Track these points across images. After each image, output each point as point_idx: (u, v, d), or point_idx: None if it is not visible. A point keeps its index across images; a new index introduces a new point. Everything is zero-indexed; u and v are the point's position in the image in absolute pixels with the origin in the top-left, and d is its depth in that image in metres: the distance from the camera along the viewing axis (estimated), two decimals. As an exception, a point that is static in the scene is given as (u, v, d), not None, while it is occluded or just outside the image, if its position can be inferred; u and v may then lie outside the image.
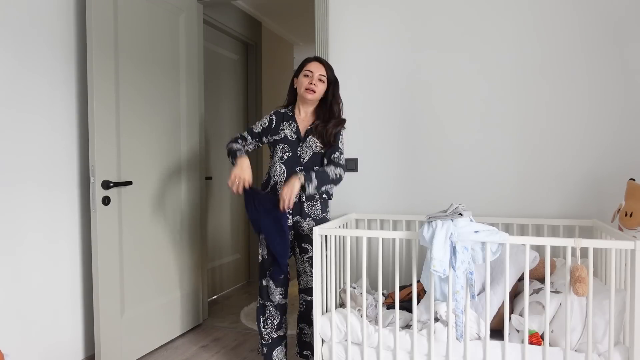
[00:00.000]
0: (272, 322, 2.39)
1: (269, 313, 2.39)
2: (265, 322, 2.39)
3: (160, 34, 2.88)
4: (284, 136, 2.35)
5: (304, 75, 2.31)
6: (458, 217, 1.89)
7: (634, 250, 1.71)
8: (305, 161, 2.34)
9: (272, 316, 2.39)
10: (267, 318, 2.39)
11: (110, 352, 2.53)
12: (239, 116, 4.44)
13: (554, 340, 1.87)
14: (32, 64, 2.34)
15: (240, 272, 4.47)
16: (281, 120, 2.39)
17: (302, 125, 2.38)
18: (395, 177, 2.80)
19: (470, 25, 2.65)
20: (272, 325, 2.39)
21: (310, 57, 2.38)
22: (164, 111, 2.92)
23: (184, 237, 3.11)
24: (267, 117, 2.41)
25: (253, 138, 2.41)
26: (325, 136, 2.32)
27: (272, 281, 2.37)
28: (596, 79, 2.46)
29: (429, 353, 1.95)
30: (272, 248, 2.26)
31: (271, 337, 2.40)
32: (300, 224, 2.35)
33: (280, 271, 2.31)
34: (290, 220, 2.35)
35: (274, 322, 2.39)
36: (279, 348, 2.42)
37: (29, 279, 2.33)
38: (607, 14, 2.44)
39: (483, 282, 2.07)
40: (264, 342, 2.41)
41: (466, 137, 2.67)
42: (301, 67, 2.36)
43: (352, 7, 2.85)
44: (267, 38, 4.80)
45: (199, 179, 3.27)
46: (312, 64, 2.32)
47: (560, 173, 2.52)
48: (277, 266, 2.29)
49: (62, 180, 2.50)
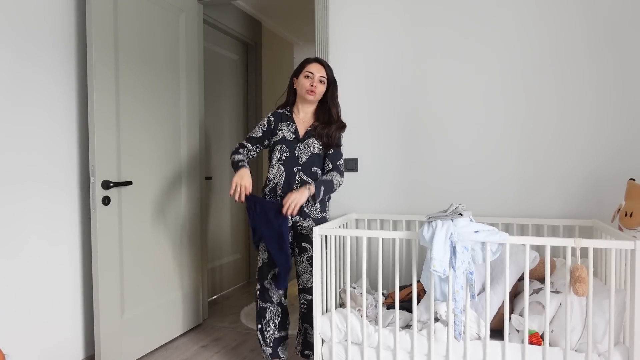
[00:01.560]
0: (275, 321, 2.38)
1: (270, 314, 2.38)
2: (267, 324, 2.37)
3: (160, 34, 2.88)
4: (281, 137, 2.35)
5: (304, 77, 2.32)
6: (458, 217, 1.89)
7: (634, 250, 1.71)
8: (304, 161, 2.34)
9: (274, 316, 2.38)
10: (268, 320, 2.38)
11: (110, 352, 2.53)
12: (239, 116, 4.44)
13: (554, 340, 1.87)
14: (31, 64, 2.34)
15: (240, 272, 4.47)
16: (279, 120, 2.39)
17: (301, 126, 2.38)
18: (395, 177, 2.80)
19: (470, 25, 2.65)
20: (275, 325, 2.38)
21: (311, 57, 2.38)
22: (164, 111, 2.92)
23: (184, 237, 3.11)
24: (265, 119, 2.41)
25: (254, 144, 2.40)
26: (327, 139, 2.33)
27: (273, 283, 2.37)
28: (596, 79, 2.46)
29: (429, 353, 1.95)
30: (274, 259, 2.28)
31: (274, 337, 2.38)
32: (300, 223, 2.35)
33: (284, 283, 2.33)
34: (290, 221, 2.35)
35: (276, 322, 2.39)
36: (281, 347, 2.42)
37: (28, 278, 2.33)
38: (608, 14, 2.44)
39: (483, 282, 2.07)
40: (268, 344, 2.38)
41: (466, 137, 2.67)
42: (301, 67, 2.36)
43: (352, 7, 2.85)
44: (267, 38, 4.80)
45: (199, 179, 3.27)
46: (313, 65, 2.33)
47: (560, 173, 2.52)
48: (281, 277, 2.30)
49: (62, 180, 2.50)
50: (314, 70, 2.31)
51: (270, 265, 2.37)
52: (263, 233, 2.25)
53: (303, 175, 2.33)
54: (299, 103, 2.40)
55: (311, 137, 2.35)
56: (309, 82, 2.30)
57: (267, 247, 2.28)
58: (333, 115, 2.37)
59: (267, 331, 2.37)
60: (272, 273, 2.38)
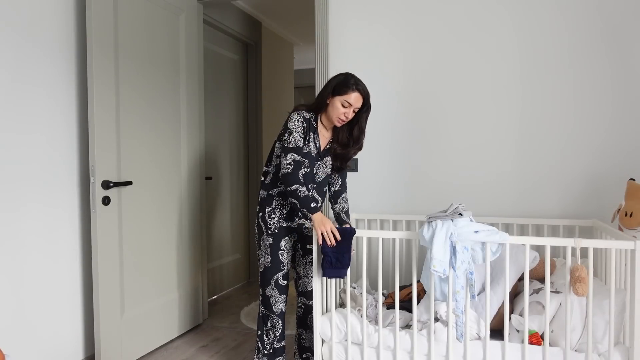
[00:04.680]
0: (275, 333, 2.32)
1: (271, 324, 2.32)
2: (268, 332, 2.33)
3: (160, 34, 2.88)
4: (308, 150, 2.17)
5: (341, 104, 2.13)
6: (458, 217, 1.89)
7: (634, 250, 1.71)
8: (320, 180, 2.26)
9: (274, 327, 2.32)
10: (269, 329, 2.32)
11: (110, 352, 2.53)
12: (238, 116, 4.44)
13: (554, 340, 1.87)
14: (31, 63, 2.34)
15: (240, 272, 4.47)
16: (308, 129, 2.18)
17: (322, 140, 2.26)
18: (395, 177, 2.80)
19: (471, 25, 2.65)
20: (275, 336, 2.32)
21: (353, 85, 2.13)
22: (164, 111, 2.92)
23: (184, 237, 3.11)
24: (298, 124, 2.15)
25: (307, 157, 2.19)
26: (342, 163, 2.28)
27: (276, 289, 2.28)
28: (596, 79, 2.46)
29: (429, 353, 1.95)
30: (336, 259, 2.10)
31: (273, 347, 2.33)
32: (305, 225, 2.33)
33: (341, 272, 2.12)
34: (296, 223, 2.31)
35: (277, 333, 2.32)
36: (279, 358, 2.36)
37: (29, 279, 2.32)
38: (608, 14, 2.44)
39: (483, 282, 2.07)
40: (266, 352, 2.34)
41: (466, 137, 2.67)
42: (342, 91, 2.13)
43: (352, 7, 2.85)
44: (267, 38, 4.80)
45: (199, 179, 3.27)
46: (354, 96, 2.12)
47: (561, 173, 2.52)
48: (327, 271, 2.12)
49: (63, 180, 2.50)
50: (353, 101, 2.12)
51: (274, 270, 2.28)
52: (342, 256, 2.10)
53: (316, 194, 2.26)
54: (324, 118, 2.24)
55: (328, 156, 2.26)
56: (344, 111, 2.13)
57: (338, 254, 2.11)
58: (354, 139, 2.24)
59: (267, 338, 2.33)
60: (277, 278, 2.28)
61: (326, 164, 2.27)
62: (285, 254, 2.28)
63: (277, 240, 2.26)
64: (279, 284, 2.28)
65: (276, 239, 2.26)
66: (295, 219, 2.30)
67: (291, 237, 2.32)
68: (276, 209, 2.26)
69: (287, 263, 2.30)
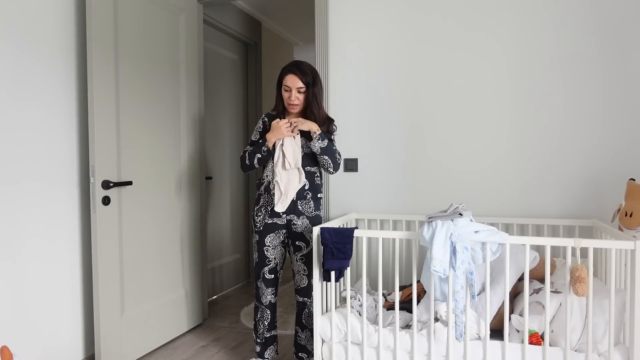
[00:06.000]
0: (264, 322, 2.48)
1: (261, 314, 2.48)
2: (258, 323, 2.49)
3: (160, 33, 2.87)
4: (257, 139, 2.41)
5: (284, 90, 2.32)
6: (458, 217, 1.89)
7: (634, 250, 1.71)
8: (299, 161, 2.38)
9: (263, 317, 2.48)
10: (259, 319, 2.48)
11: (110, 352, 2.53)
12: (238, 116, 4.44)
13: (554, 340, 1.87)
14: (31, 63, 2.34)
15: (240, 272, 4.47)
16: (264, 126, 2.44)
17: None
18: (395, 177, 2.80)
19: (471, 25, 2.65)
20: (264, 326, 2.48)
21: (286, 66, 2.33)
22: (164, 111, 2.92)
23: (183, 237, 3.11)
24: (260, 121, 2.47)
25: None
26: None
27: (263, 282, 2.44)
28: (597, 80, 2.46)
29: (429, 353, 1.95)
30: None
31: (264, 336, 2.49)
32: (294, 222, 2.38)
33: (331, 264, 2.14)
34: (284, 219, 2.39)
35: (265, 323, 2.48)
36: (271, 347, 2.51)
37: (29, 279, 2.32)
38: (609, 15, 2.44)
39: (483, 282, 2.07)
40: (259, 341, 2.50)
41: (466, 137, 2.67)
42: (280, 79, 2.34)
43: (352, 7, 2.85)
44: (267, 38, 4.80)
45: (199, 179, 3.27)
46: (288, 78, 2.30)
47: (561, 173, 2.52)
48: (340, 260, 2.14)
49: (62, 180, 2.50)
50: (289, 83, 2.30)
51: (261, 265, 2.44)
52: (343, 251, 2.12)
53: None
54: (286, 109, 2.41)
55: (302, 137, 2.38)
56: (287, 95, 2.31)
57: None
58: (317, 117, 2.35)
59: (259, 327, 2.49)
60: (263, 272, 2.44)
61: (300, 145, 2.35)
62: (272, 249, 2.42)
63: (262, 237, 2.41)
64: (265, 277, 2.44)
65: (261, 236, 2.42)
66: (283, 215, 2.38)
67: (278, 233, 2.42)
68: (262, 207, 2.42)
69: (275, 258, 2.44)
